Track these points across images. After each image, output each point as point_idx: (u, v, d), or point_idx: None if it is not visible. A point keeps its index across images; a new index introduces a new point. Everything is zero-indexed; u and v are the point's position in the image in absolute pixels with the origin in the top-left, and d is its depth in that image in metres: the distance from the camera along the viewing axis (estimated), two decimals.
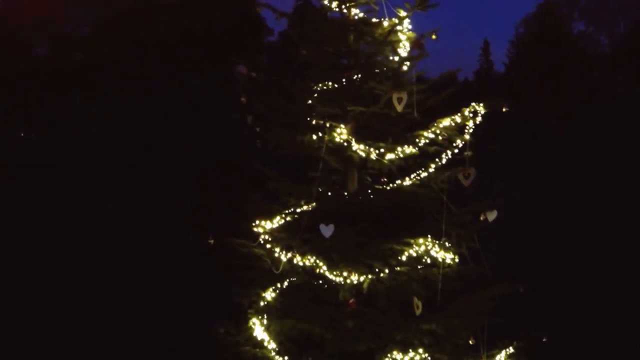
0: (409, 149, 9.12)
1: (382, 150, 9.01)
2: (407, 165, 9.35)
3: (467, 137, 9.16)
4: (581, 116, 24.81)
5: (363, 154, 8.98)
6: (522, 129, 23.73)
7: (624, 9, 53.79)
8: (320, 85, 9.57)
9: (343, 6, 9.58)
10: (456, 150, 9.27)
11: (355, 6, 9.62)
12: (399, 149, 9.09)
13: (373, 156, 8.97)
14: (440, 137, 9.18)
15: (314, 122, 9.18)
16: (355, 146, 8.91)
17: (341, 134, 8.97)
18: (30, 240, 16.33)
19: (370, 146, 9.00)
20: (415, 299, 8.54)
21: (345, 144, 8.92)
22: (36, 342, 14.31)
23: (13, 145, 21.77)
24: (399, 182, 9.44)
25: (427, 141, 9.17)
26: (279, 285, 9.19)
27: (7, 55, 31.87)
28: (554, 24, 50.21)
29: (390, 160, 9.09)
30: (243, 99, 9.48)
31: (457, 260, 8.94)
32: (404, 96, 8.72)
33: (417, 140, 9.15)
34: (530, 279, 10.34)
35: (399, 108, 8.72)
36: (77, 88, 26.39)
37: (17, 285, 15.42)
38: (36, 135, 22.93)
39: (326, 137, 8.90)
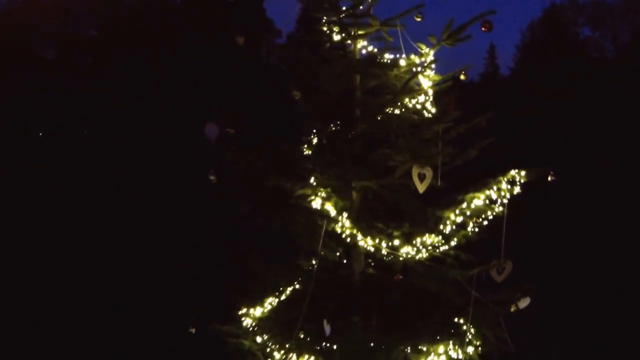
0: (431, 239, 7.25)
1: (395, 242, 7.22)
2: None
3: (501, 209, 7.23)
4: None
5: (371, 249, 7.34)
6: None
7: (627, 14, 53.63)
8: (315, 145, 7.83)
9: (348, 40, 7.68)
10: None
11: (363, 37, 7.75)
12: (418, 239, 7.26)
13: (384, 251, 7.26)
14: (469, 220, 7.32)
15: (311, 198, 7.26)
16: (361, 240, 7.22)
17: (343, 227, 7.25)
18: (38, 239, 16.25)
19: (380, 239, 7.23)
20: None
21: (349, 238, 7.30)
22: (36, 343, 14.31)
23: None
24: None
25: (454, 227, 7.27)
26: None
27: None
28: (559, 30, 50.23)
29: (407, 254, 7.26)
30: (212, 178, 7.85)
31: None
32: (428, 173, 6.92)
33: (442, 226, 7.26)
34: None
35: (421, 188, 6.97)
36: None
37: (17, 286, 15.51)
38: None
39: (323, 227, 7.25)
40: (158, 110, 20.56)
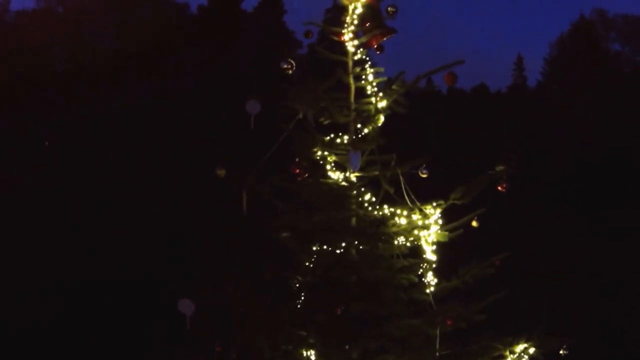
0: None
1: None
2: None
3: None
4: None
5: None
6: None
7: None
8: None
9: None
10: None
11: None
12: None
13: None
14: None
15: None
16: None
17: None
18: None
19: None
20: None
21: None
22: (36, 343, 14.10)
23: None
24: None
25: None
26: None
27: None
28: (589, 44, 49.17)
29: None
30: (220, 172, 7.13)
31: None
32: None
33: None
34: None
35: None
36: None
37: (17, 287, 15.22)
38: None
39: None
40: (158, 110, 20.14)
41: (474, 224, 6.72)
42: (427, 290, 6.73)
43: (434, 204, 6.65)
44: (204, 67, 30.03)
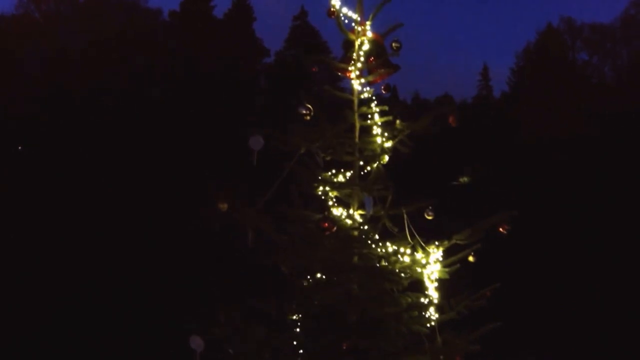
0: None
1: None
2: None
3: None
4: None
5: None
6: None
7: (627, 39, 53.03)
8: None
9: None
10: None
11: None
12: None
13: None
14: None
15: None
16: None
17: None
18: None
19: None
20: None
21: None
22: (36, 344, 13.47)
23: None
24: None
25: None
26: None
27: None
28: (555, 53, 49.62)
29: None
30: None
31: None
32: None
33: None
34: None
35: None
36: None
37: (18, 288, 15.26)
38: None
39: None
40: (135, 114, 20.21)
41: (471, 259, 6.65)
42: (428, 325, 6.76)
43: (437, 243, 6.64)
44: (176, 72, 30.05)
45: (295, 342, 6.69)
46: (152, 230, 17.91)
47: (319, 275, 6.78)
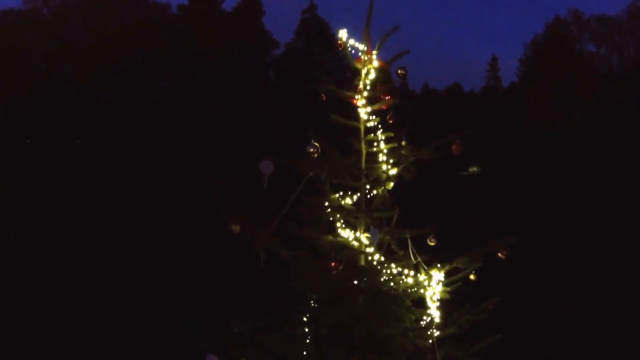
0: None
1: None
2: None
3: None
4: None
5: None
6: None
7: (634, 30, 52.86)
8: None
9: None
10: None
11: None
12: None
13: None
14: None
15: None
16: None
17: None
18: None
19: None
20: None
21: None
22: (36, 345, 13.64)
23: None
24: None
25: None
26: None
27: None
28: (564, 45, 49.59)
29: None
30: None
31: None
32: None
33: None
34: None
35: None
36: None
37: (18, 289, 15.29)
38: None
39: None
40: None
41: (472, 277, 6.79)
42: (430, 341, 6.84)
43: (439, 266, 6.79)
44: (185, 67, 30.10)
45: (305, 353, 6.79)
46: (152, 230, 18.00)
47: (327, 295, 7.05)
